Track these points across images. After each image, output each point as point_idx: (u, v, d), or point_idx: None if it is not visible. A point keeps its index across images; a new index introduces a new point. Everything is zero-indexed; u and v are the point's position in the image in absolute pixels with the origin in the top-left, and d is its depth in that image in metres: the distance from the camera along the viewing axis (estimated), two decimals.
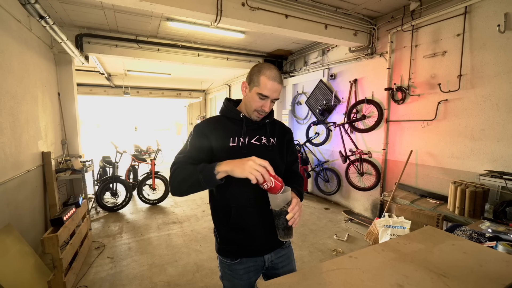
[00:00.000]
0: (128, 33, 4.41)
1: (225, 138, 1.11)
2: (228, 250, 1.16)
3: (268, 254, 1.18)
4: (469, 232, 1.69)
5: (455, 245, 1.14)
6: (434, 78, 3.14)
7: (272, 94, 1.07)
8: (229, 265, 1.17)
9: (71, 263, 2.43)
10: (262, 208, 1.10)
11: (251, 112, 1.13)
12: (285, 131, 1.27)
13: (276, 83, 1.06)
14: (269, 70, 1.07)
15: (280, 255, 1.22)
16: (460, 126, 2.93)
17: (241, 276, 1.15)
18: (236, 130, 1.13)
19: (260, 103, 1.09)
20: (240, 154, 1.09)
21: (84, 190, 3.79)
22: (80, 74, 7.03)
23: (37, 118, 3.12)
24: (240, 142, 1.11)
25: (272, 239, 1.15)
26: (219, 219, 1.17)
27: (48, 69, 3.65)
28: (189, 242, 3.23)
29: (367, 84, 4.06)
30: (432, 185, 3.22)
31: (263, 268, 1.20)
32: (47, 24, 2.88)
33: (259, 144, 1.15)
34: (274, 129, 1.23)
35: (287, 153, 1.25)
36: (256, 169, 0.88)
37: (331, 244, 3.20)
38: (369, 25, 3.80)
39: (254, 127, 1.17)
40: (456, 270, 0.95)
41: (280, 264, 1.21)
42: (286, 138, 1.26)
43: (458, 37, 2.89)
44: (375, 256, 1.06)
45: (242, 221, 1.11)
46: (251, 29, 3.74)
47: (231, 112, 1.16)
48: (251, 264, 1.16)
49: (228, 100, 1.22)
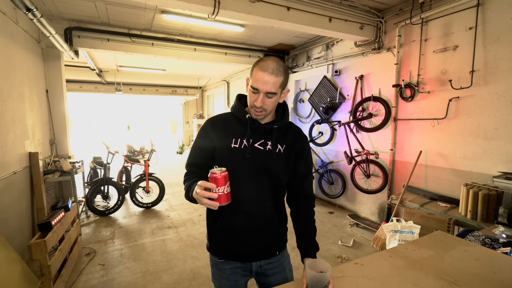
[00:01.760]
0: (121, 27, 4.41)
1: (228, 138, 1.11)
2: (215, 248, 1.20)
3: (255, 261, 1.19)
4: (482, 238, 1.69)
5: (467, 251, 1.14)
6: (445, 74, 3.14)
7: (262, 87, 1.01)
8: (216, 263, 1.21)
9: (60, 270, 2.42)
10: (253, 218, 1.12)
11: (250, 110, 1.10)
12: (298, 139, 1.19)
13: (266, 74, 0.99)
14: (264, 61, 1.03)
15: (271, 262, 1.21)
16: (472, 125, 2.93)
17: (228, 276, 1.18)
18: (240, 131, 1.12)
19: (253, 98, 1.05)
20: (243, 157, 1.09)
21: (74, 193, 3.78)
22: (70, 70, 7.02)
23: (24, 116, 3.12)
24: (243, 144, 1.10)
25: (260, 248, 1.17)
26: (211, 216, 1.20)
27: (35, 64, 3.65)
28: (185, 248, 3.23)
29: (373, 80, 4.06)
30: (443, 187, 3.21)
31: (251, 273, 1.22)
32: (35, 16, 2.87)
33: (263, 149, 1.11)
34: (286, 136, 1.16)
35: (296, 163, 1.18)
36: (202, 196, 0.91)
37: (336, 250, 3.20)
38: (376, 18, 3.80)
39: (261, 131, 1.12)
40: (468, 278, 0.95)
41: (270, 271, 1.21)
42: (297, 146, 1.17)
43: (470, 30, 2.89)
44: (382, 263, 1.06)
45: (231, 223, 1.13)
46: (251, 22, 3.74)
47: (239, 112, 1.14)
48: (238, 265, 1.19)
49: (239, 98, 1.19)
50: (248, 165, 1.09)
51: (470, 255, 1.11)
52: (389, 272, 0.99)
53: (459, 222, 2.57)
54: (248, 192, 1.10)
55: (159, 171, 6.24)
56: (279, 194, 1.17)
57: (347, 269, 1.01)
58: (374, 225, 3.77)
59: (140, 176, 4.68)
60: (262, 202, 1.13)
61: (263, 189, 1.11)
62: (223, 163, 1.08)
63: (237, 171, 1.05)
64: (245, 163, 1.09)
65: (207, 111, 11.94)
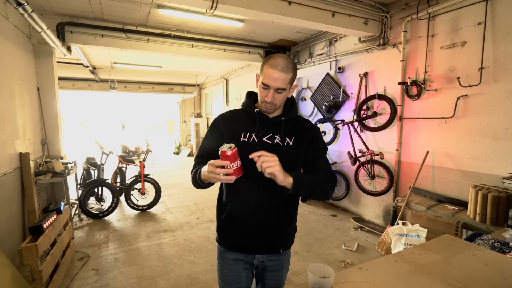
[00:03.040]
0: (115, 22, 4.41)
1: (237, 132, 1.19)
2: (222, 238, 1.29)
3: (258, 254, 1.26)
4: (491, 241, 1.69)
5: (475, 255, 1.14)
6: (453, 71, 3.14)
7: (273, 83, 1.09)
8: (221, 252, 1.31)
9: (52, 276, 2.42)
10: (260, 210, 1.19)
11: (261, 105, 1.19)
12: (307, 130, 1.24)
13: (276, 71, 1.08)
14: (273, 58, 1.11)
15: (272, 260, 1.28)
16: (481, 124, 2.93)
17: (230, 267, 1.27)
18: (249, 125, 1.20)
19: (263, 93, 1.14)
20: (252, 151, 1.09)
21: (66, 194, 3.79)
22: (62, 67, 7.03)
23: (15, 115, 3.12)
24: (252, 138, 1.18)
25: (262, 244, 1.24)
26: (220, 206, 1.30)
27: (26, 61, 3.65)
28: (182, 253, 3.23)
29: (378, 77, 4.06)
30: (451, 189, 3.22)
31: (252, 266, 1.30)
32: (26, 11, 2.87)
33: (271, 143, 1.18)
34: (294, 128, 1.23)
35: (308, 151, 1.22)
36: (215, 174, 1.00)
37: (339, 255, 3.20)
38: (381, 13, 3.80)
39: (269, 125, 1.20)
40: (477, 284, 0.95)
41: (270, 268, 1.29)
42: (307, 138, 1.22)
43: (479, 26, 2.89)
44: (387, 268, 1.06)
45: (237, 215, 1.22)
46: (251, 17, 3.74)
47: (248, 107, 1.23)
48: (241, 257, 1.27)
49: (249, 95, 1.29)
50: None
51: (479, 259, 1.11)
52: (394, 278, 0.99)
53: (468, 225, 2.57)
54: (256, 186, 1.17)
55: (155, 172, 6.24)
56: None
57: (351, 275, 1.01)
58: (379, 229, 3.77)
59: (135, 178, 4.68)
60: (269, 197, 1.18)
61: (270, 183, 1.11)
62: None
63: (245, 164, 1.08)
64: None
65: (205, 110, 11.94)
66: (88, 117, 24.50)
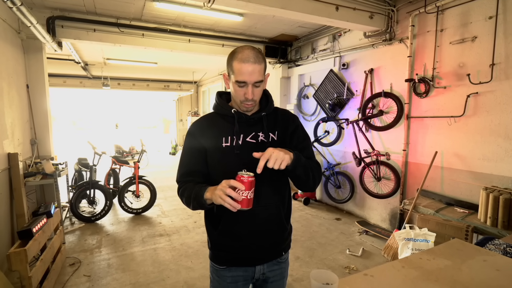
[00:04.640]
0: (108, 16, 4.41)
1: (218, 138, 1.16)
2: (217, 255, 1.24)
3: (260, 265, 1.23)
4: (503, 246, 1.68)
5: (486, 261, 1.14)
6: (463, 67, 3.14)
7: (249, 78, 1.07)
8: (217, 270, 1.24)
9: (42, 282, 2.42)
10: (256, 216, 1.15)
11: (240, 105, 1.15)
12: (288, 122, 1.25)
13: (249, 64, 1.05)
14: (240, 52, 1.09)
15: (273, 269, 1.26)
16: (492, 123, 2.93)
17: (228, 285, 1.23)
18: (229, 128, 1.17)
19: (241, 92, 1.11)
20: (233, 155, 1.13)
21: (57, 197, 3.78)
22: (53, 63, 7.03)
23: (3, 114, 3.12)
24: (234, 141, 1.15)
25: (265, 249, 1.21)
26: (210, 222, 1.24)
27: (15, 57, 3.65)
28: (179, 258, 3.23)
29: (384, 74, 4.06)
30: (460, 191, 3.22)
31: (252, 279, 1.26)
32: (14, 4, 2.87)
33: (255, 142, 1.17)
34: (275, 122, 1.23)
35: (292, 144, 1.22)
36: (224, 193, 0.94)
37: (343, 260, 3.20)
38: (387, 6, 3.80)
39: (250, 123, 1.18)
40: None
41: (271, 279, 1.27)
42: (290, 129, 1.23)
43: (490, 20, 2.89)
44: (394, 274, 1.06)
45: (232, 227, 1.17)
46: (250, 11, 3.74)
47: (223, 109, 1.20)
48: (240, 273, 1.22)
49: (220, 95, 1.25)
50: (242, 161, 1.10)
51: (490, 265, 1.11)
52: (401, 284, 0.99)
53: (478, 230, 2.57)
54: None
55: (150, 174, 6.24)
56: (281, 185, 1.22)
57: (355, 281, 1.01)
58: (385, 233, 3.77)
59: (129, 179, 4.68)
60: (265, 198, 1.17)
61: (263, 184, 1.12)
62: (218, 164, 1.15)
63: (233, 170, 1.06)
64: (239, 160, 1.12)
65: (202, 108, 11.94)
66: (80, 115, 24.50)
